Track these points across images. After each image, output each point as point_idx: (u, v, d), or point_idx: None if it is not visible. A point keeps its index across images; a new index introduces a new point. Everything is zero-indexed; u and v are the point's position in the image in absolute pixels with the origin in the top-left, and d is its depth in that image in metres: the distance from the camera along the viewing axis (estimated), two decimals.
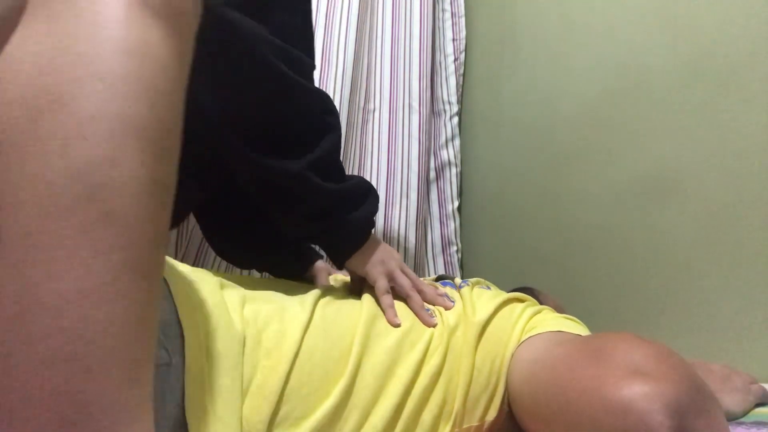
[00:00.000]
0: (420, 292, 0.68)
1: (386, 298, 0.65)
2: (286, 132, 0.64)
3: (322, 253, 0.80)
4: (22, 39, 0.31)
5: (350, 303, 0.63)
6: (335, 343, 0.54)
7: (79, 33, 0.31)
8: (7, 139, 0.29)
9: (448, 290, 0.72)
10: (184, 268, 0.53)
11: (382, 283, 0.68)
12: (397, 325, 0.60)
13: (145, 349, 0.31)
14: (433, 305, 0.67)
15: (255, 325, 0.51)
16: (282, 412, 0.48)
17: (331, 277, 0.84)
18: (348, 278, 0.80)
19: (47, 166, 0.29)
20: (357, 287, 0.73)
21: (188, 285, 0.48)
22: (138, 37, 0.32)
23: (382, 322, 0.61)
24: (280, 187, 0.65)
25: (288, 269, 0.82)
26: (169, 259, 0.52)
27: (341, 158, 0.75)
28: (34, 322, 0.27)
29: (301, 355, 0.51)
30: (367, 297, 0.65)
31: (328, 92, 1.33)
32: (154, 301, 0.32)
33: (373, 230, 0.73)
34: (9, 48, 0.31)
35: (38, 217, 0.28)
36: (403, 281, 0.69)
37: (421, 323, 0.63)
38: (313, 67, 0.69)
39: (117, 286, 0.29)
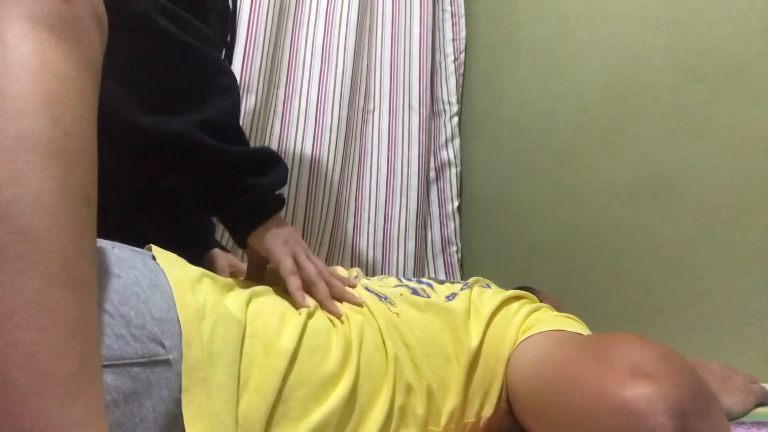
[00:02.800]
0: (327, 284, 0.62)
1: (294, 280, 0.60)
2: (169, 90, 0.61)
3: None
4: None
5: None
6: (335, 344, 0.54)
7: None
8: None
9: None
10: (184, 265, 0.53)
11: (287, 263, 0.61)
12: (307, 307, 0.56)
13: (83, 359, 0.30)
14: (340, 301, 0.62)
15: (254, 323, 0.51)
16: (280, 412, 0.47)
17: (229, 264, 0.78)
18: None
19: None
20: (255, 273, 0.68)
21: (188, 282, 0.48)
22: (32, 55, 0.32)
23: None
24: (171, 151, 0.61)
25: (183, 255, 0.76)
26: (169, 255, 0.52)
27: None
28: None
29: (299, 354, 0.50)
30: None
31: (327, 92, 1.33)
32: (86, 311, 0.32)
33: (281, 212, 0.67)
34: None
35: None
36: (310, 268, 0.62)
37: (405, 317, 0.61)
38: (208, 33, 0.64)
39: (40, 303, 0.29)
